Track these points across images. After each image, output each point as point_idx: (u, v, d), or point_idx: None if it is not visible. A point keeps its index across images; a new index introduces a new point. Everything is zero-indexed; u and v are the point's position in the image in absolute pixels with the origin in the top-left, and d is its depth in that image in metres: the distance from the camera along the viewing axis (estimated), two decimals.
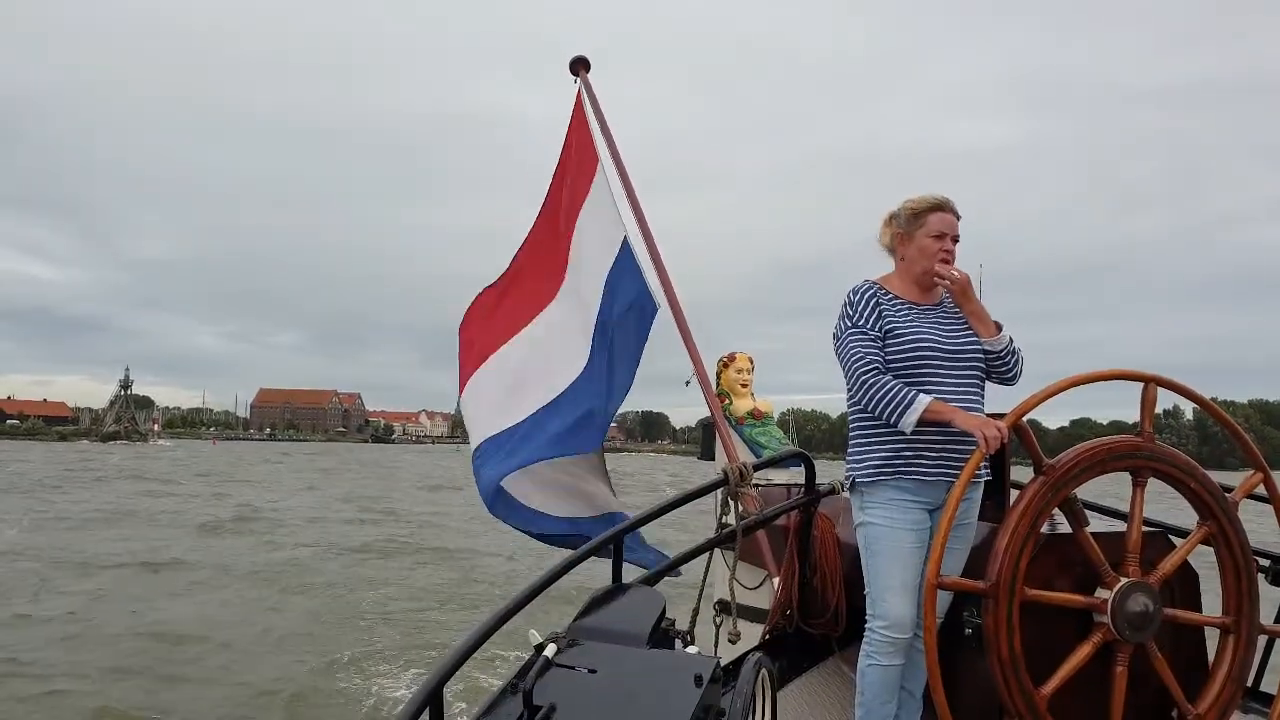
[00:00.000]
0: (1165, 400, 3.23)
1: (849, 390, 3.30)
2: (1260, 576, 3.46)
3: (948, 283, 3.29)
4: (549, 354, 5.42)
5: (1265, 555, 3.61)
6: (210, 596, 15.54)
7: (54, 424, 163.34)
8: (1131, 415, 3.25)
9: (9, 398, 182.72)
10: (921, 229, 3.33)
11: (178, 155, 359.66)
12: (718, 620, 3.91)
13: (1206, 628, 3.35)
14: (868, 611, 3.26)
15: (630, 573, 3.29)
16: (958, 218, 3.37)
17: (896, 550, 3.18)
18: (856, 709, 3.29)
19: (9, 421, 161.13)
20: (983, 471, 3.26)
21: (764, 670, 2.55)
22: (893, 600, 3.17)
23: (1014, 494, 3.29)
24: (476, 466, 5.40)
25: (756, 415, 5.95)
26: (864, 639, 3.26)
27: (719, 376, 6.06)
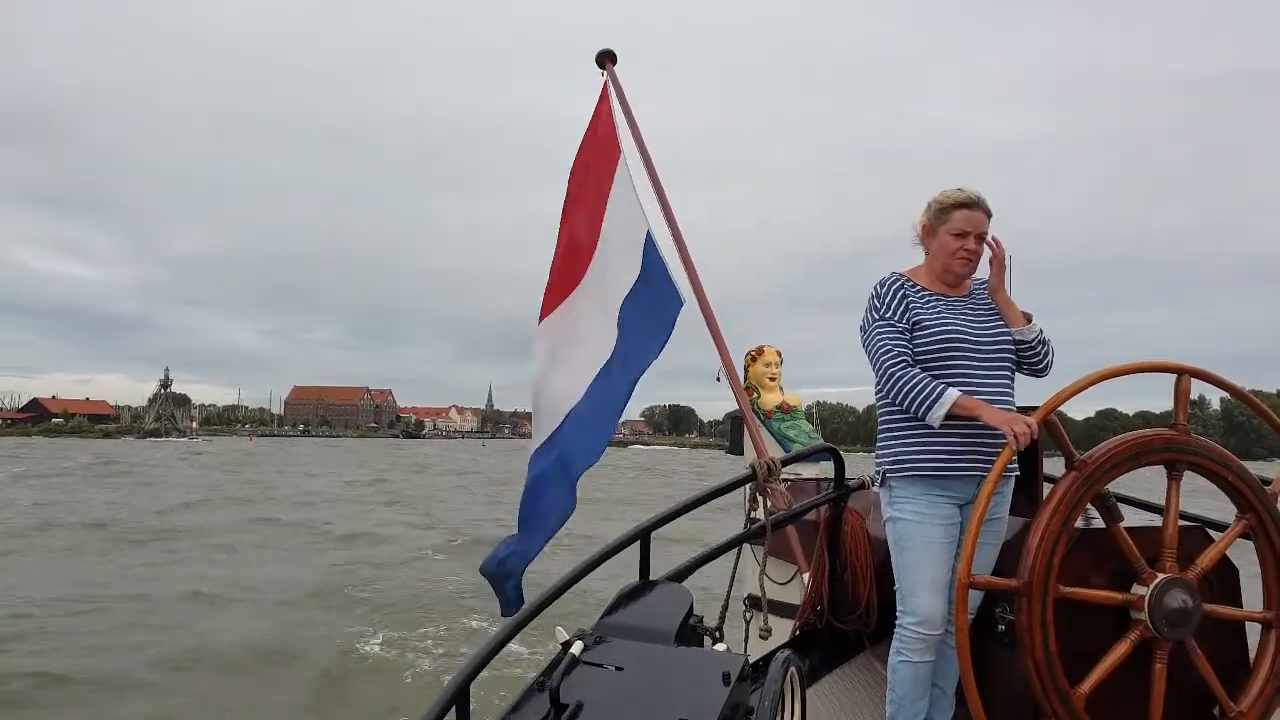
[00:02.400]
0: (1191, 390, 3.14)
1: (877, 384, 3.23)
2: None
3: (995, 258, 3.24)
4: (576, 349, 5.26)
5: None
6: None
7: (97, 422, 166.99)
8: (1159, 405, 3.20)
9: (53, 397, 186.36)
10: (945, 225, 3.25)
11: (217, 155, 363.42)
12: (748, 616, 3.85)
13: (1248, 623, 3.25)
14: (898, 608, 3.20)
15: (657, 569, 3.24)
16: (988, 215, 3.26)
17: (926, 545, 3.11)
18: (887, 705, 3.22)
19: (54, 420, 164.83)
20: (1013, 466, 3.17)
21: (793, 667, 2.50)
22: (923, 596, 3.10)
23: (1046, 488, 3.20)
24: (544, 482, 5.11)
25: (785, 409, 5.86)
26: (895, 635, 3.20)
27: (747, 370, 5.96)
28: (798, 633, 4.01)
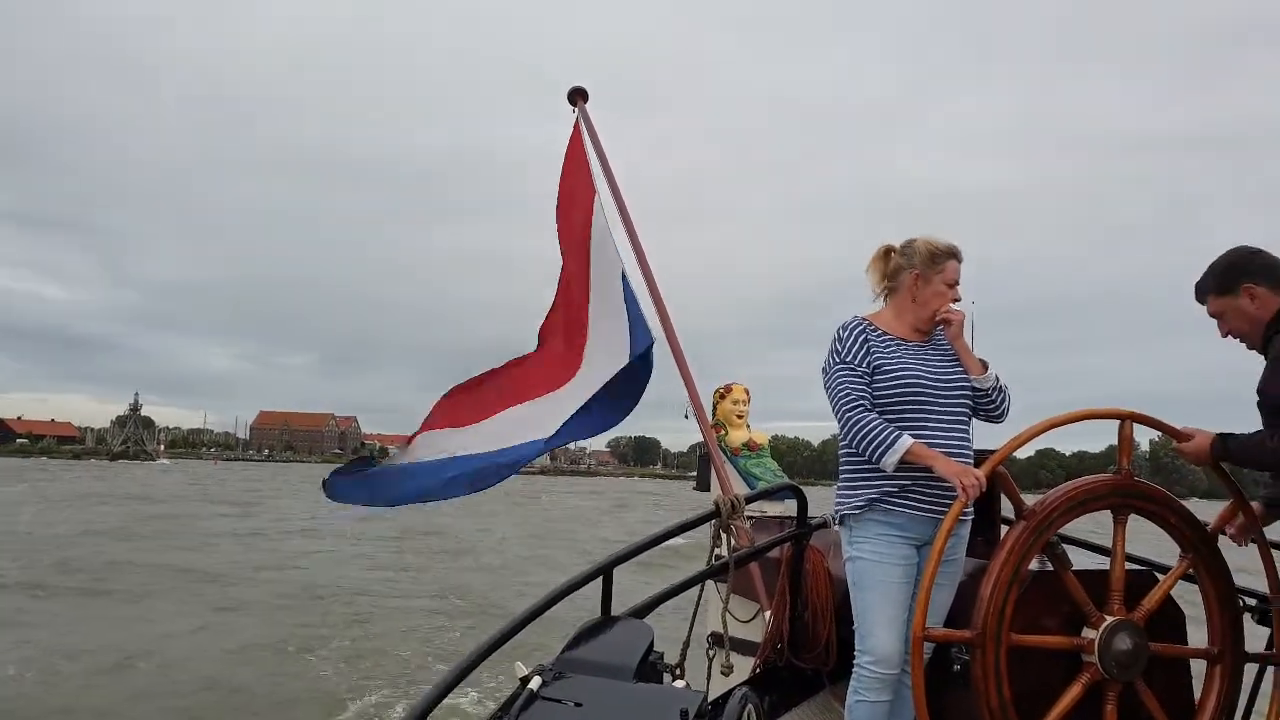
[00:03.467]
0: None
1: (838, 425, 3.23)
2: (1246, 616, 3.37)
3: (950, 322, 3.25)
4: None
5: (1251, 594, 3.53)
6: None
7: (63, 443, 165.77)
8: (1095, 446, 3.26)
9: (19, 417, 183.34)
10: (940, 274, 3.26)
11: (197, 181, 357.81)
12: (711, 653, 3.80)
13: (1196, 663, 3.26)
14: (856, 647, 3.17)
15: (619, 605, 3.21)
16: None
17: (884, 585, 3.10)
18: None
19: (19, 440, 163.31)
20: (969, 510, 3.18)
21: (750, 705, 2.48)
22: (880, 635, 3.08)
23: (1004, 529, 3.21)
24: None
25: (752, 447, 5.83)
26: (853, 675, 3.17)
27: (715, 408, 5.92)
28: (758, 670, 3.97)
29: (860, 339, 3.23)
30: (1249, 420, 3.18)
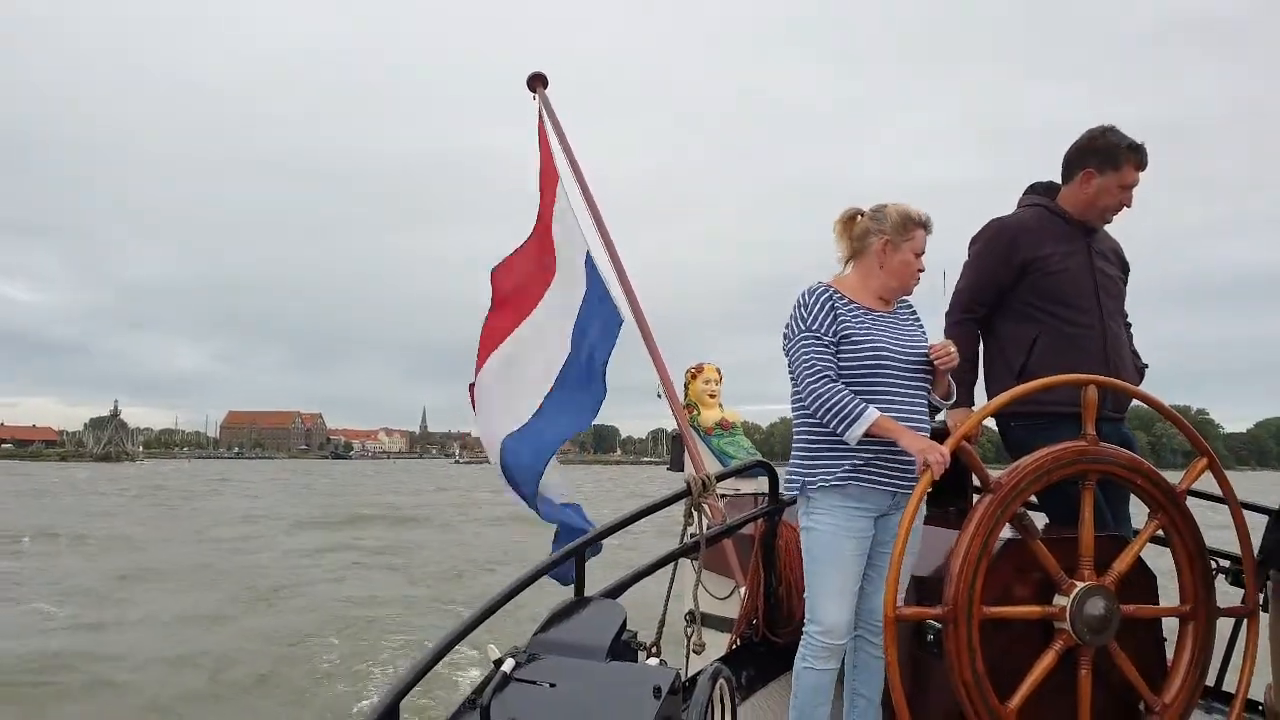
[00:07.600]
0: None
1: (797, 396, 3.03)
2: (1220, 576, 3.31)
3: (948, 359, 3.05)
4: (540, 351, 5.15)
5: (1224, 555, 3.47)
6: None
7: (48, 447, 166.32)
8: None
9: (1, 423, 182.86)
10: (909, 242, 3.07)
11: (174, 185, 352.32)
12: (689, 631, 3.70)
13: (1169, 623, 3.20)
14: (806, 616, 3.03)
15: (592, 585, 3.10)
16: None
17: (837, 557, 2.95)
18: (790, 711, 3.05)
19: (3, 445, 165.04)
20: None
21: (723, 680, 2.41)
22: (829, 605, 2.95)
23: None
24: (511, 462, 5.01)
25: (724, 426, 5.71)
26: (801, 642, 3.03)
27: (687, 388, 5.81)
28: (735, 646, 3.87)
29: (827, 307, 3.02)
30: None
